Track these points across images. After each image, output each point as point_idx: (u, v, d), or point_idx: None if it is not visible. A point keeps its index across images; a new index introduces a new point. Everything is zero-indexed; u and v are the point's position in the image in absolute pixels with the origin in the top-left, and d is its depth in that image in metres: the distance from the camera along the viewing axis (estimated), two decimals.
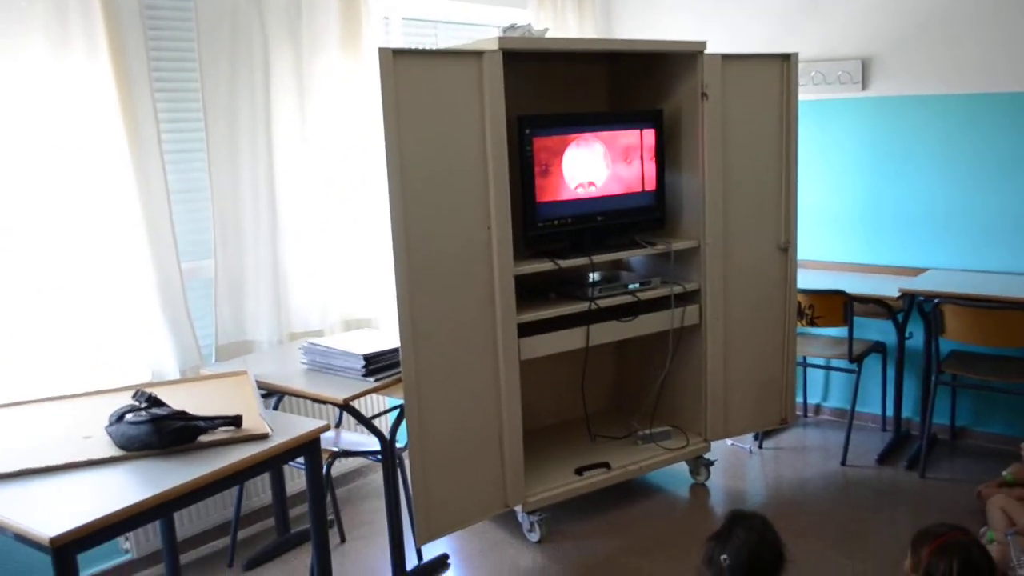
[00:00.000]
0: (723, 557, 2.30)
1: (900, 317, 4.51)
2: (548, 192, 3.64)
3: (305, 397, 3.35)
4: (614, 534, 3.83)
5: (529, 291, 3.72)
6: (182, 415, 2.56)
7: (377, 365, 3.28)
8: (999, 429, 4.64)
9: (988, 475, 4.05)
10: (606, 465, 3.91)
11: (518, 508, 3.67)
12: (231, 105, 3.68)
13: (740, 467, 4.59)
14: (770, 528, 2.35)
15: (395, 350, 3.27)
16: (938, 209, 4.66)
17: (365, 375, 3.26)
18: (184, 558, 3.61)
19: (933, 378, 4.34)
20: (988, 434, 4.68)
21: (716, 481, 4.34)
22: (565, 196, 3.70)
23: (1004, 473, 3.87)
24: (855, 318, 4.42)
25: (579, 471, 3.86)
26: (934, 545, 2.29)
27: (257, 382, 3.13)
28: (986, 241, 4.55)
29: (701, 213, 3.95)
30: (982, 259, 4.57)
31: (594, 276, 3.80)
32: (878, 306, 4.41)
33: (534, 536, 3.75)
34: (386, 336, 3.56)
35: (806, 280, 4.49)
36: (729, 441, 4.58)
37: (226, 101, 3.66)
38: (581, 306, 3.70)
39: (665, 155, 3.99)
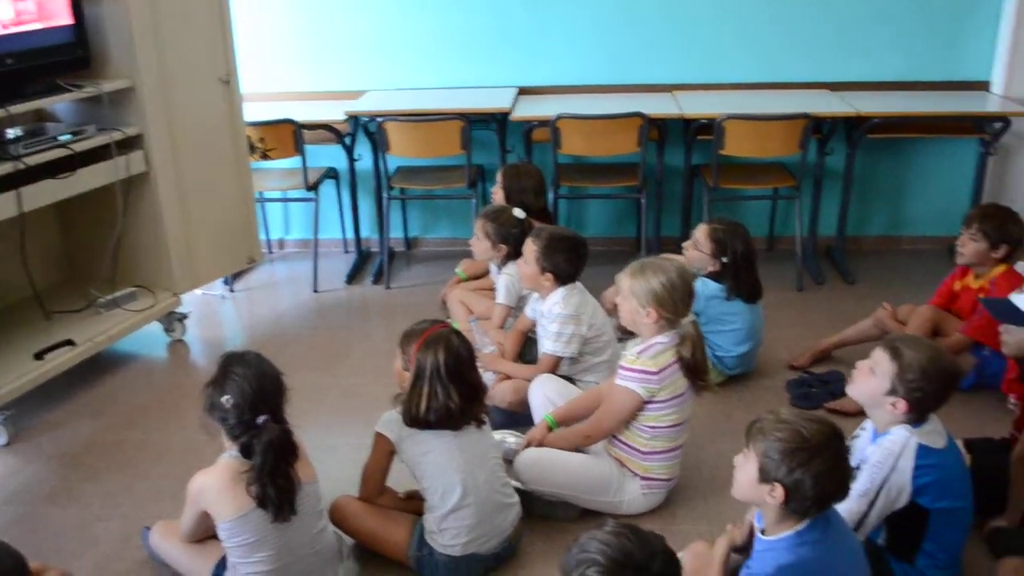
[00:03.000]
0: (225, 398, 2.22)
1: (348, 140, 4.61)
2: None
3: None
4: (92, 414, 3.50)
5: None
6: None
7: None
8: (445, 233, 5.11)
9: (443, 275, 4.44)
10: (70, 343, 3.51)
11: None
12: None
13: (215, 315, 4.47)
14: (265, 360, 2.32)
15: None
16: (376, 31, 4.76)
17: None
18: None
19: (384, 195, 4.58)
20: (437, 239, 5.13)
21: (193, 334, 4.17)
22: None
23: (456, 271, 4.27)
24: (306, 146, 4.42)
25: (39, 355, 3.42)
26: (420, 341, 2.43)
27: None
28: (420, 60, 4.80)
29: (131, 48, 3.53)
30: (417, 77, 4.83)
31: (15, 131, 3.24)
32: (327, 131, 4.46)
33: (0, 440, 3.26)
34: None
35: (253, 113, 4.33)
36: (199, 291, 4.38)
37: None
38: (5, 167, 3.15)
39: None
